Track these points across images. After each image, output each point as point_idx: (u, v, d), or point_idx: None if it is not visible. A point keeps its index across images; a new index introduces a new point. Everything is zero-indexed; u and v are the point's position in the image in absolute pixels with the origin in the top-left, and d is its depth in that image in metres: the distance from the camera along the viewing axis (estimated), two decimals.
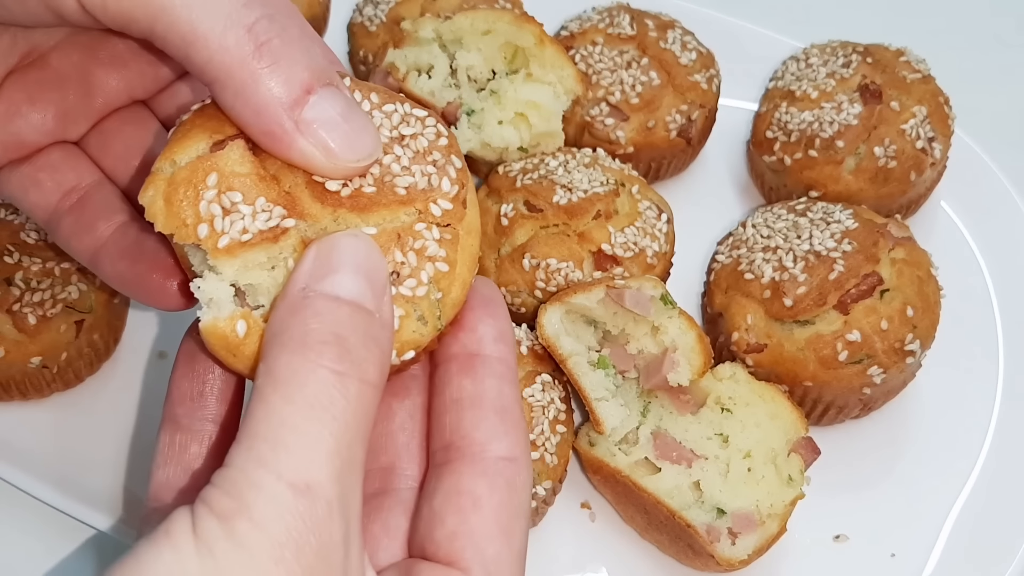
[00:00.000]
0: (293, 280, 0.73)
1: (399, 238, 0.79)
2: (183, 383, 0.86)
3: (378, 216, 0.80)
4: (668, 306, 1.23)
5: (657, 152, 1.59)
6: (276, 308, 0.72)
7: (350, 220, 0.80)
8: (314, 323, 0.69)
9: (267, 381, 0.67)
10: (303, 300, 0.70)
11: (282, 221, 0.78)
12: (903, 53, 1.57)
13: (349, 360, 0.68)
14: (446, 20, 1.44)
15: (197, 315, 0.78)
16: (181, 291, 0.92)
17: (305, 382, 0.66)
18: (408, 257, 0.80)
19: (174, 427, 0.85)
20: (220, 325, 0.77)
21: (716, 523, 1.18)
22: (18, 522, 1.34)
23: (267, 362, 0.68)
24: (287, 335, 0.68)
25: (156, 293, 0.92)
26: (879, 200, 1.51)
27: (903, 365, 1.32)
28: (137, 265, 0.93)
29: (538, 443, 1.23)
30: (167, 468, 0.83)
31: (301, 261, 0.74)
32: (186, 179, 0.79)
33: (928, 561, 1.31)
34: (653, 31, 1.60)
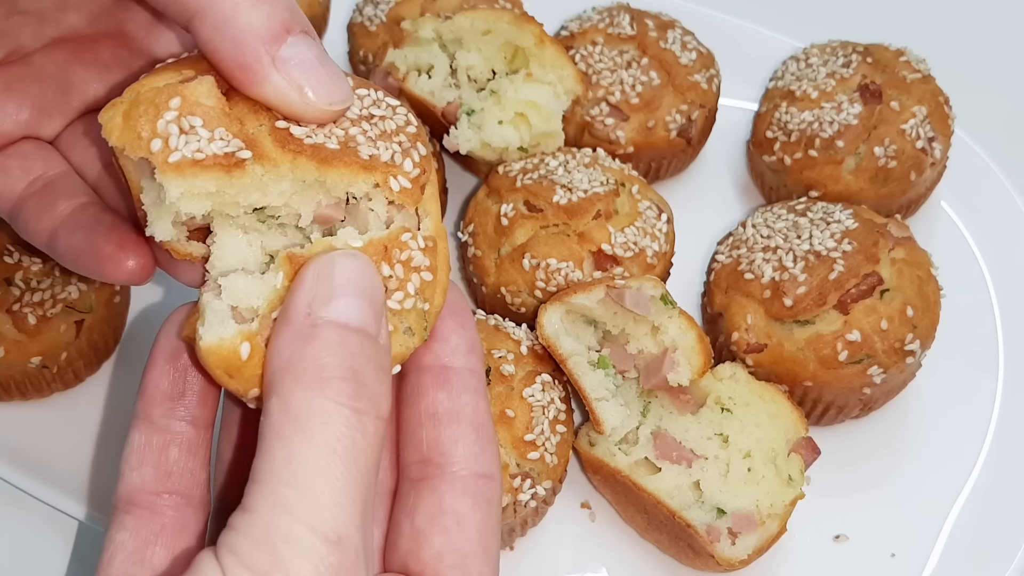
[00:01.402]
0: (294, 302, 0.72)
1: (386, 251, 0.79)
2: (161, 381, 0.82)
3: (335, 174, 0.80)
4: (668, 306, 1.23)
5: (657, 152, 1.59)
6: (279, 333, 0.71)
7: (307, 169, 0.79)
8: (327, 355, 0.68)
9: (285, 420, 0.66)
10: (311, 328, 0.70)
11: (239, 152, 0.77)
12: (903, 53, 1.57)
13: (366, 397, 0.68)
14: (446, 20, 1.44)
15: (198, 332, 0.76)
16: (133, 253, 0.89)
17: (326, 422, 0.66)
18: (395, 269, 0.79)
19: (150, 427, 0.82)
20: (224, 346, 0.75)
21: (716, 523, 1.18)
22: (18, 521, 1.34)
23: (282, 396, 0.67)
24: (300, 368, 0.68)
25: (108, 263, 0.89)
26: (879, 200, 1.51)
27: (903, 365, 1.32)
28: (92, 235, 0.91)
29: (538, 443, 1.23)
30: (143, 470, 0.80)
31: (300, 281, 0.73)
32: (149, 99, 0.77)
33: (928, 561, 1.31)
34: (653, 31, 1.60)
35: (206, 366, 0.76)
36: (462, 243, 1.47)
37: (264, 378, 0.72)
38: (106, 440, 1.37)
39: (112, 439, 1.37)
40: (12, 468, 1.30)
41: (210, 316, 0.76)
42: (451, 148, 1.44)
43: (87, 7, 1.00)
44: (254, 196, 0.80)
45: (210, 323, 0.76)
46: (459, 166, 1.67)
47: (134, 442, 0.81)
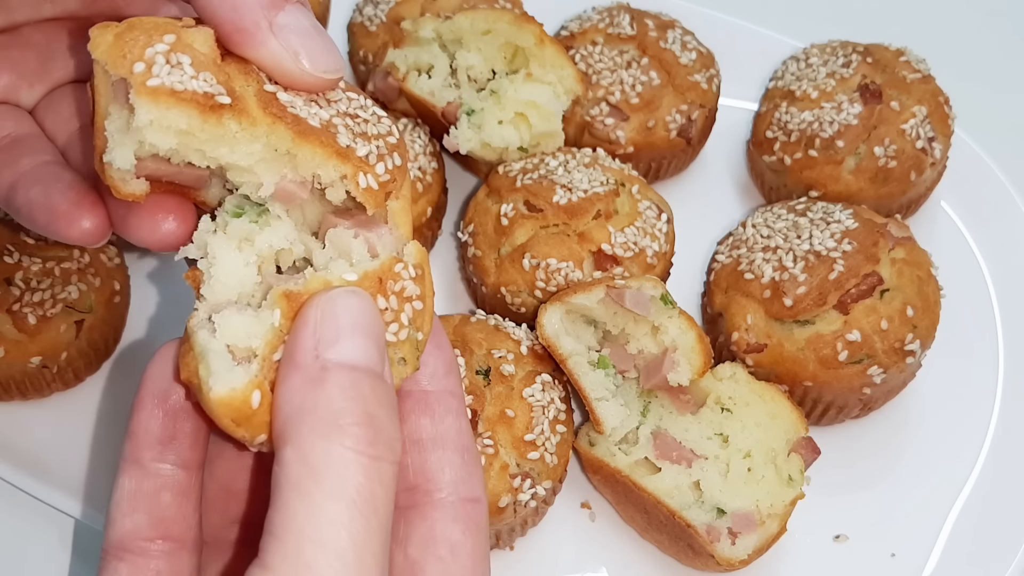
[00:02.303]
0: (299, 344, 0.71)
1: (380, 283, 0.78)
2: (150, 425, 0.79)
3: (308, 151, 0.79)
4: (668, 306, 1.23)
5: (657, 152, 1.59)
6: (287, 377, 0.70)
7: (281, 136, 0.79)
8: (341, 401, 0.67)
9: (304, 472, 0.65)
10: (321, 372, 0.69)
11: (219, 97, 0.76)
12: (903, 53, 1.57)
13: (382, 442, 0.68)
14: (446, 20, 1.44)
15: (206, 381, 0.73)
16: (90, 212, 0.86)
17: (346, 474, 0.65)
18: (390, 301, 0.79)
19: (140, 472, 0.79)
20: (236, 396, 0.72)
21: (716, 523, 1.18)
22: (18, 521, 1.34)
23: (298, 447, 0.66)
24: (315, 415, 0.67)
25: (63, 220, 0.86)
26: (879, 200, 1.51)
27: (903, 365, 1.32)
28: (49, 191, 0.89)
29: (538, 443, 1.23)
30: (135, 516, 0.77)
31: (303, 322, 0.72)
32: (144, 28, 0.77)
33: (928, 561, 1.31)
34: (653, 31, 1.60)
35: (213, 416, 0.73)
36: (462, 243, 1.47)
37: (274, 424, 0.70)
38: (106, 440, 1.37)
39: (112, 439, 1.38)
40: (12, 468, 1.30)
41: (215, 363, 0.74)
42: (451, 148, 1.44)
43: None
44: (222, 150, 0.79)
45: (217, 371, 0.73)
46: (459, 166, 1.67)
47: (124, 487, 0.79)
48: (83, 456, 1.35)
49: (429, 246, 1.59)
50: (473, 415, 1.21)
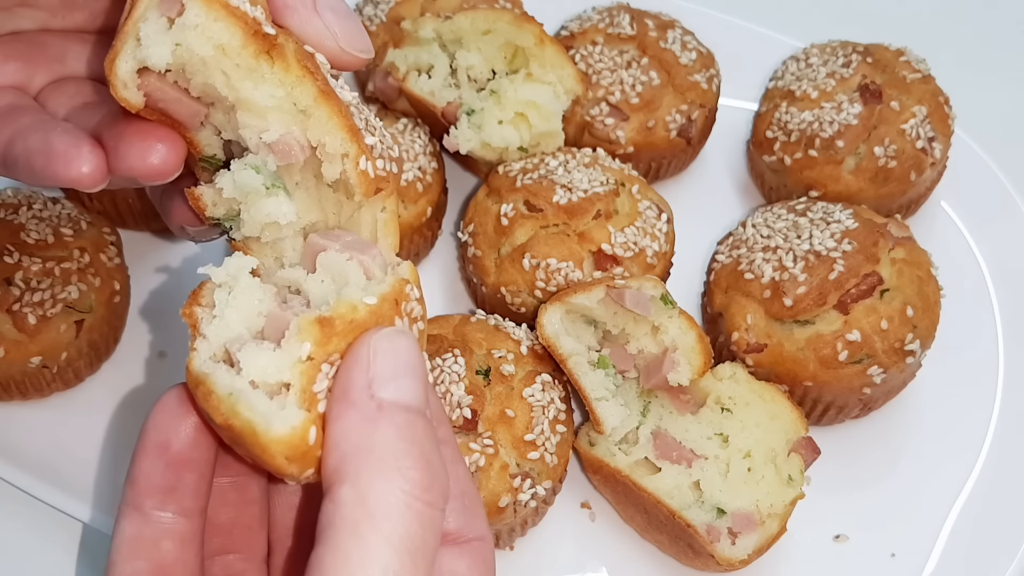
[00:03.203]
0: (352, 379, 0.71)
1: (396, 304, 0.78)
2: (153, 474, 0.78)
3: (324, 113, 0.81)
4: (668, 306, 1.23)
5: (657, 152, 1.59)
6: (343, 413, 0.70)
7: (306, 91, 0.81)
8: (399, 442, 0.68)
9: (362, 514, 0.65)
10: (377, 410, 0.69)
11: (266, 27, 0.80)
12: (903, 53, 1.57)
13: (436, 488, 0.68)
14: (446, 20, 1.44)
15: (260, 422, 0.71)
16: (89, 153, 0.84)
17: (402, 520, 0.65)
18: (404, 323, 0.79)
19: (141, 519, 0.78)
20: (295, 434, 0.71)
21: (716, 523, 1.19)
22: (18, 521, 1.34)
23: (357, 487, 0.66)
24: (374, 455, 0.67)
25: (60, 160, 0.84)
26: (879, 200, 1.51)
27: (903, 365, 1.32)
28: (48, 136, 0.87)
29: (538, 443, 1.23)
30: (136, 563, 0.76)
31: (355, 359, 0.72)
32: None
33: (928, 561, 1.31)
34: (653, 31, 1.60)
35: (264, 454, 0.72)
36: (462, 243, 1.47)
37: (328, 460, 0.70)
38: (106, 440, 1.37)
39: (112, 439, 1.37)
40: (12, 468, 1.30)
41: (257, 402, 0.72)
42: (451, 148, 1.44)
43: (92, 6, 1.00)
44: (247, 83, 0.80)
45: (266, 411, 0.72)
46: (459, 166, 1.67)
47: (125, 532, 0.78)
48: (83, 456, 1.35)
49: (429, 246, 1.59)
50: (473, 415, 1.21)
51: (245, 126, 0.83)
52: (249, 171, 0.84)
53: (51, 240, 1.36)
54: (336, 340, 0.74)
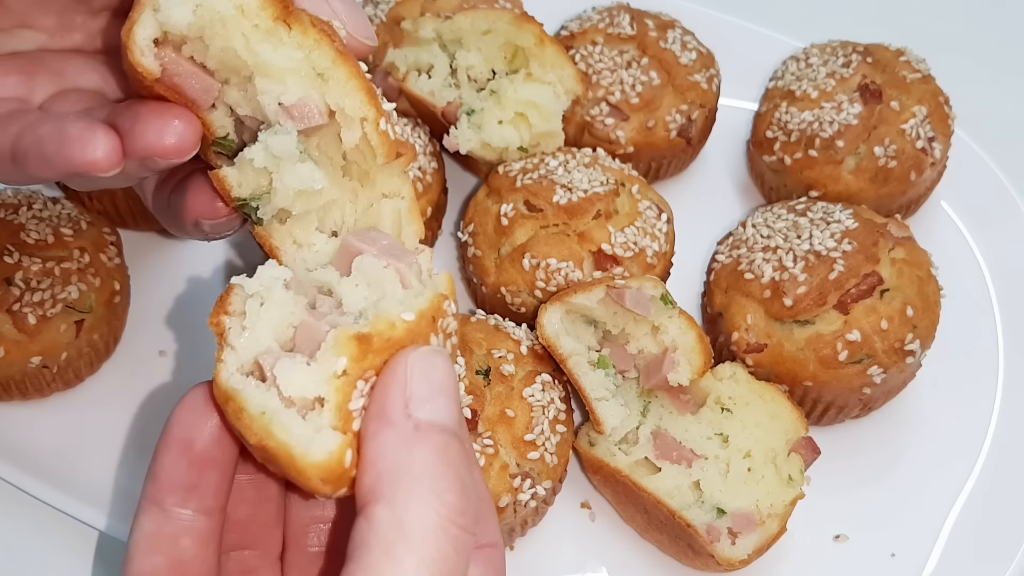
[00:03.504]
0: (390, 398, 0.71)
1: (434, 321, 0.77)
2: (176, 472, 0.78)
3: (343, 76, 0.83)
4: (668, 306, 1.23)
5: (657, 152, 1.59)
6: (380, 432, 0.70)
7: (324, 54, 0.83)
8: (438, 464, 0.68)
9: (398, 535, 0.65)
10: (415, 430, 0.70)
11: None
12: (903, 53, 1.57)
13: (471, 513, 0.68)
14: (446, 20, 1.44)
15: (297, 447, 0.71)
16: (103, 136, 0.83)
17: (438, 544, 0.66)
18: (439, 340, 0.78)
19: (161, 515, 0.78)
20: (333, 459, 0.71)
21: (716, 523, 1.19)
22: (18, 521, 1.34)
23: (394, 508, 0.66)
24: (412, 476, 0.67)
25: (76, 143, 0.82)
26: (879, 200, 1.51)
27: (903, 365, 1.32)
28: (60, 123, 0.86)
29: (538, 443, 1.23)
30: (153, 558, 0.77)
31: (392, 376, 0.72)
32: None
33: (928, 561, 1.31)
34: (653, 31, 1.60)
35: (300, 476, 0.72)
36: (462, 243, 1.47)
37: (364, 479, 0.70)
38: (106, 440, 1.37)
39: (112, 439, 1.37)
40: (12, 467, 1.30)
41: (292, 425, 0.72)
42: (451, 148, 1.44)
43: (88, 27, 1.01)
44: (265, 47, 0.81)
45: (302, 435, 0.72)
46: (459, 166, 1.67)
47: (144, 527, 0.78)
48: (82, 456, 1.35)
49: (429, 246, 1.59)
50: (473, 415, 1.21)
51: (263, 92, 0.83)
52: (283, 135, 0.84)
53: (51, 240, 1.36)
54: (372, 357, 0.74)
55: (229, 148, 0.88)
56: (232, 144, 0.88)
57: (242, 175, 0.86)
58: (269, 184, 0.86)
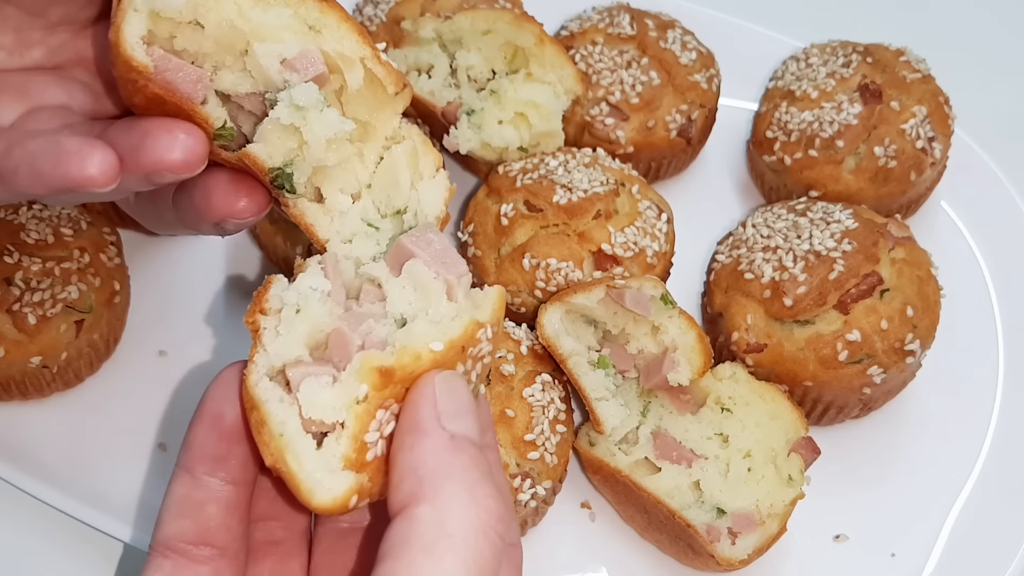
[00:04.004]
0: (423, 413, 0.74)
1: (463, 351, 0.79)
2: (207, 442, 0.82)
3: (333, 21, 0.85)
4: (668, 306, 1.23)
5: (657, 152, 1.59)
6: (417, 443, 0.72)
7: (309, 7, 0.85)
8: (477, 471, 0.70)
9: (439, 533, 0.67)
10: (451, 440, 0.72)
11: None
12: (903, 53, 1.57)
13: (507, 520, 0.70)
14: (446, 20, 1.44)
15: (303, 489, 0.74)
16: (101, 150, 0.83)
17: (476, 546, 0.67)
18: (467, 364, 0.80)
19: (191, 482, 0.82)
20: (338, 502, 0.74)
21: (716, 523, 1.19)
22: (17, 520, 1.34)
23: (436, 507, 0.68)
24: (454, 479, 0.69)
25: (74, 158, 0.82)
26: (879, 200, 1.51)
27: (903, 365, 1.32)
28: (54, 136, 0.86)
29: (538, 443, 1.23)
30: (182, 521, 0.81)
31: (422, 395, 0.75)
32: None
33: (928, 561, 1.31)
34: (653, 31, 1.60)
35: (306, 505, 0.75)
36: (462, 243, 1.47)
37: (400, 486, 0.71)
38: (106, 440, 1.37)
39: (112, 439, 1.37)
40: (11, 467, 1.30)
41: (306, 460, 0.74)
42: (451, 148, 1.44)
43: (47, 43, 1.01)
44: (256, 11, 0.84)
45: (311, 474, 0.74)
46: (459, 166, 1.67)
47: (175, 492, 0.82)
48: (82, 456, 1.35)
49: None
50: None
51: (264, 55, 0.85)
52: (303, 87, 0.85)
53: (51, 240, 1.36)
54: (394, 386, 0.76)
55: (230, 138, 0.89)
56: (232, 133, 0.89)
57: (269, 145, 0.87)
58: (299, 145, 0.87)
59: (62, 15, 0.99)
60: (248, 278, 1.54)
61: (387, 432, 0.77)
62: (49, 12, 0.98)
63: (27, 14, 0.98)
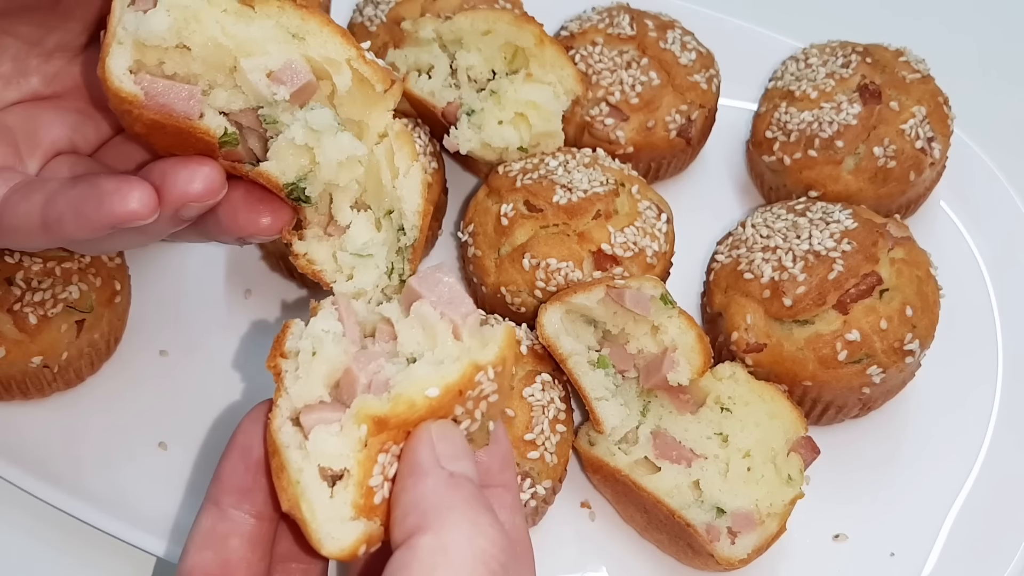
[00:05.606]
0: (423, 455, 0.77)
1: (460, 394, 0.81)
2: (235, 473, 0.85)
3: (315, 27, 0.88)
4: (668, 306, 1.23)
5: (657, 152, 1.59)
6: (419, 482, 0.76)
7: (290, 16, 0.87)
8: (477, 504, 0.74)
9: (442, 560, 0.69)
10: (451, 478, 0.75)
11: None
12: (903, 53, 1.57)
13: (509, 553, 0.73)
14: (446, 20, 1.44)
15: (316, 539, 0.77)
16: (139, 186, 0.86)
17: (477, 574, 0.69)
18: (467, 405, 0.82)
19: (218, 514, 0.85)
20: (346, 550, 0.77)
21: (716, 522, 1.19)
22: (17, 520, 1.35)
23: (439, 536, 0.70)
24: (456, 512, 0.72)
25: (115, 195, 0.86)
26: (878, 200, 1.51)
27: (902, 365, 1.32)
28: (92, 180, 0.90)
29: (538, 443, 1.23)
30: (205, 553, 0.84)
31: (420, 441, 0.78)
32: None
33: (928, 561, 1.31)
34: (653, 31, 1.61)
35: (317, 550, 0.78)
36: (462, 243, 1.48)
37: (403, 522, 0.74)
38: (106, 440, 1.37)
39: (112, 438, 1.38)
40: (12, 466, 1.31)
41: (319, 509, 0.77)
42: (451, 148, 1.44)
43: (43, 70, 1.03)
44: (239, 27, 0.86)
45: (324, 525, 0.77)
46: (459, 166, 1.67)
47: (201, 524, 0.85)
48: (82, 455, 1.35)
49: (429, 246, 1.59)
50: None
51: (250, 70, 0.87)
52: (320, 110, 0.88)
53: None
54: (390, 431, 0.79)
55: (235, 144, 0.91)
56: (235, 138, 0.91)
57: (282, 162, 0.89)
58: (310, 162, 0.90)
59: (58, 42, 1.02)
60: (248, 278, 1.54)
61: (391, 474, 0.80)
62: (46, 40, 1.01)
63: (25, 43, 1.00)
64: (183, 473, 1.35)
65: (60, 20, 1.00)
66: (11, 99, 1.02)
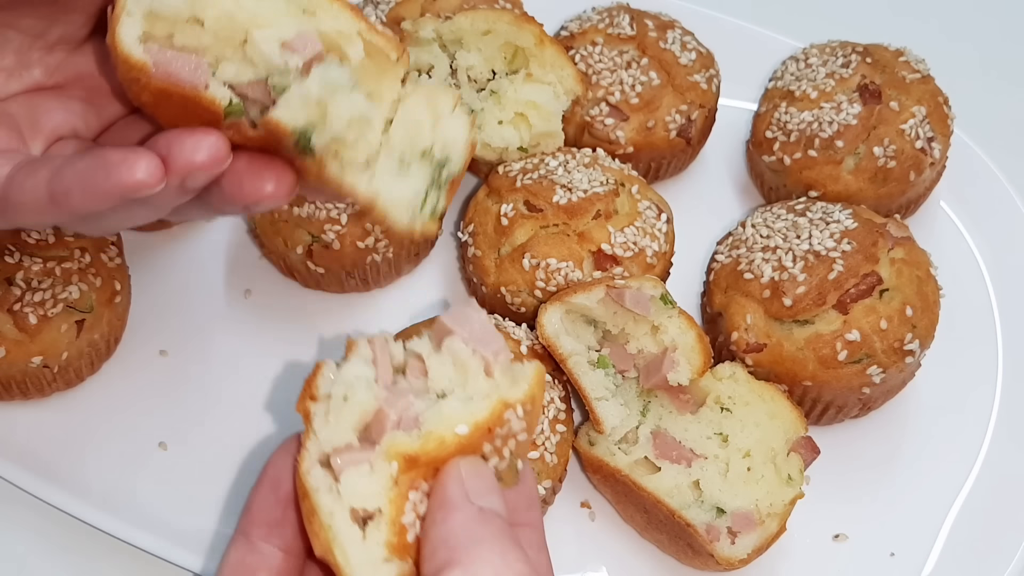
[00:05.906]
0: (449, 491, 0.78)
1: (489, 431, 0.81)
2: (265, 506, 0.86)
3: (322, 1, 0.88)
4: (668, 306, 1.23)
5: (657, 152, 1.59)
6: (449, 517, 0.76)
7: None
8: (506, 540, 0.74)
9: None
10: (480, 513, 0.76)
11: None
12: (903, 53, 1.57)
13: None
14: (446, 20, 1.44)
15: None
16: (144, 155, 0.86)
17: None
18: (495, 443, 0.82)
19: (247, 547, 0.85)
20: None
21: (716, 522, 1.19)
22: (17, 520, 1.35)
23: (468, 570, 0.71)
24: (485, 545, 0.73)
25: (122, 165, 0.85)
26: (878, 200, 1.51)
27: (902, 365, 1.32)
28: (98, 152, 0.89)
29: (538, 443, 1.23)
30: None
31: (450, 477, 0.79)
32: None
33: (928, 561, 1.31)
34: (653, 31, 1.61)
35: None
36: (462, 243, 1.48)
37: (432, 559, 0.75)
38: (106, 440, 1.37)
39: (112, 439, 1.38)
40: (12, 466, 1.31)
41: (352, 552, 0.77)
42: None
43: (45, 62, 1.03)
44: (250, 1, 0.86)
45: (359, 569, 0.77)
46: None
47: (230, 557, 0.85)
48: (82, 455, 1.35)
49: (429, 246, 1.59)
50: None
51: (264, 40, 0.87)
52: (332, 67, 0.88)
53: (52, 240, 1.37)
54: (420, 468, 0.79)
55: (240, 114, 0.91)
56: (240, 109, 0.91)
57: (291, 111, 0.88)
58: (320, 114, 0.89)
59: (61, 35, 1.02)
60: (248, 278, 1.54)
61: (422, 511, 0.80)
62: (49, 33, 1.01)
63: (28, 36, 1.00)
64: (183, 473, 1.35)
65: (63, 12, 1.00)
66: (14, 90, 1.02)
